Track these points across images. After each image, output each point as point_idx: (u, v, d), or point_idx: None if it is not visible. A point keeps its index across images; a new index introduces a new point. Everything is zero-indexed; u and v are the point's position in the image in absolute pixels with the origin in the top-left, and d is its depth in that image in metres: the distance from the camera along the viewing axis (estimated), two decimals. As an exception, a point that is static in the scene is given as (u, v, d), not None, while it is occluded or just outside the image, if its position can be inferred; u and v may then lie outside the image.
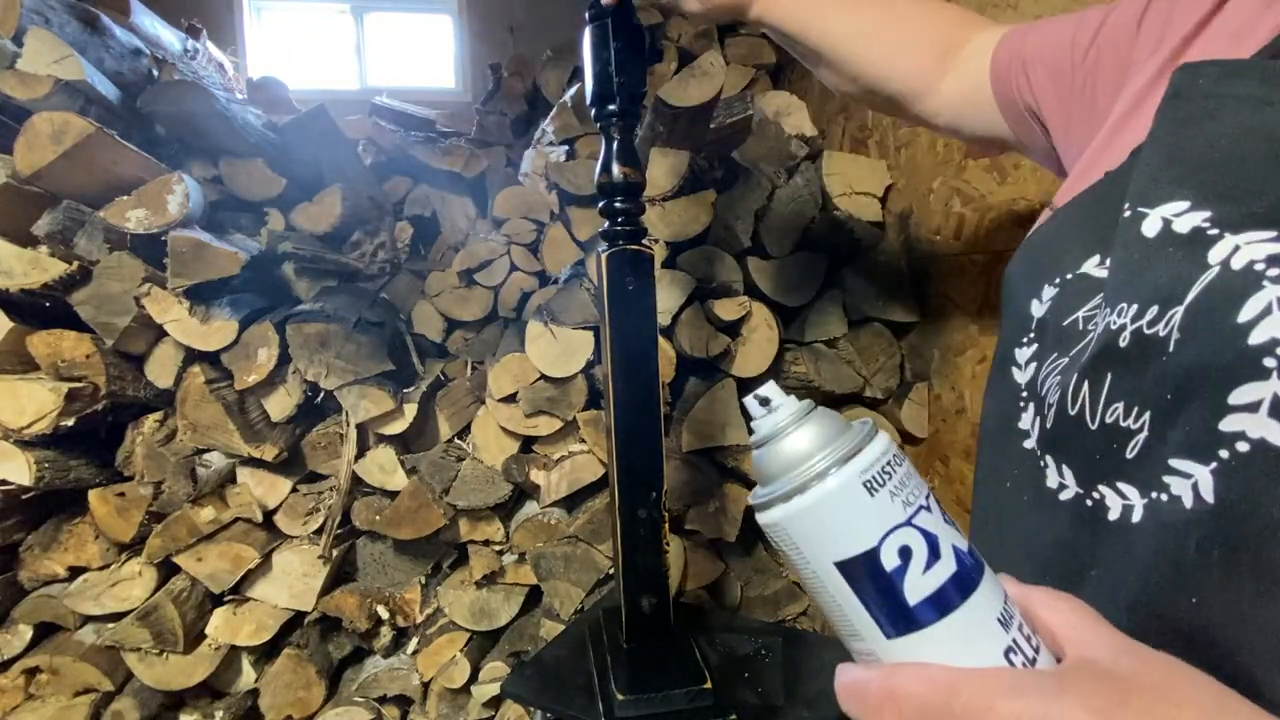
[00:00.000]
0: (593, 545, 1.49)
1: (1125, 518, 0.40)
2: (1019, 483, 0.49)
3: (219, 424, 1.42)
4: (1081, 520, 0.44)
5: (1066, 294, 0.49)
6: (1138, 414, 0.40)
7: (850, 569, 0.33)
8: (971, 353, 1.39)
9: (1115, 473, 0.41)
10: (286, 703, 1.52)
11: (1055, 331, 0.49)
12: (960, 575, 0.33)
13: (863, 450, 0.34)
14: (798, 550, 0.35)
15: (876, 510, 0.33)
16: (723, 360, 1.51)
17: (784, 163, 1.60)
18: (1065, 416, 0.45)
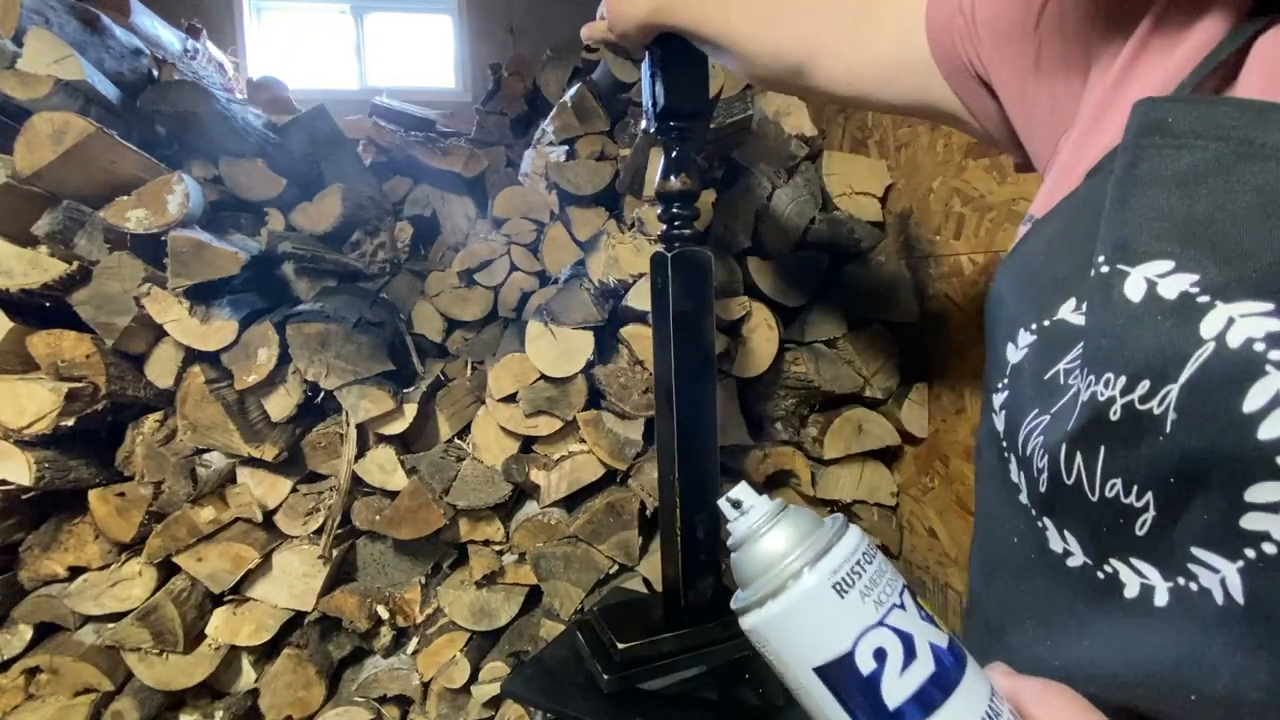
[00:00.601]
0: (593, 545, 1.49)
1: (1146, 597, 0.39)
2: (1022, 537, 0.47)
3: (219, 424, 1.42)
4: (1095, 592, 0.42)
5: (1045, 343, 0.47)
6: (1139, 492, 0.38)
7: (828, 674, 0.33)
8: (971, 353, 1.39)
9: (1128, 549, 0.40)
10: (286, 703, 1.52)
11: (1034, 384, 0.47)
12: (940, 674, 0.33)
13: (832, 549, 0.34)
14: (778, 656, 0.35)
15: (848, 613, 0.33)
16: (723, 360, 1.50)
17: (784, 163, 1.60)
18: (1060, 484, 0.42)
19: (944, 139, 1.42)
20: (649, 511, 1.50)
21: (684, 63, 1.00)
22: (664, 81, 1.01)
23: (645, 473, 1.51)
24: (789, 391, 1.60)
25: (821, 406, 1.66)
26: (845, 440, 1.59)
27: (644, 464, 1.51)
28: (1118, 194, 0.40)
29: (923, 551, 1.57)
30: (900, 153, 1.60)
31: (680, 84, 1.01)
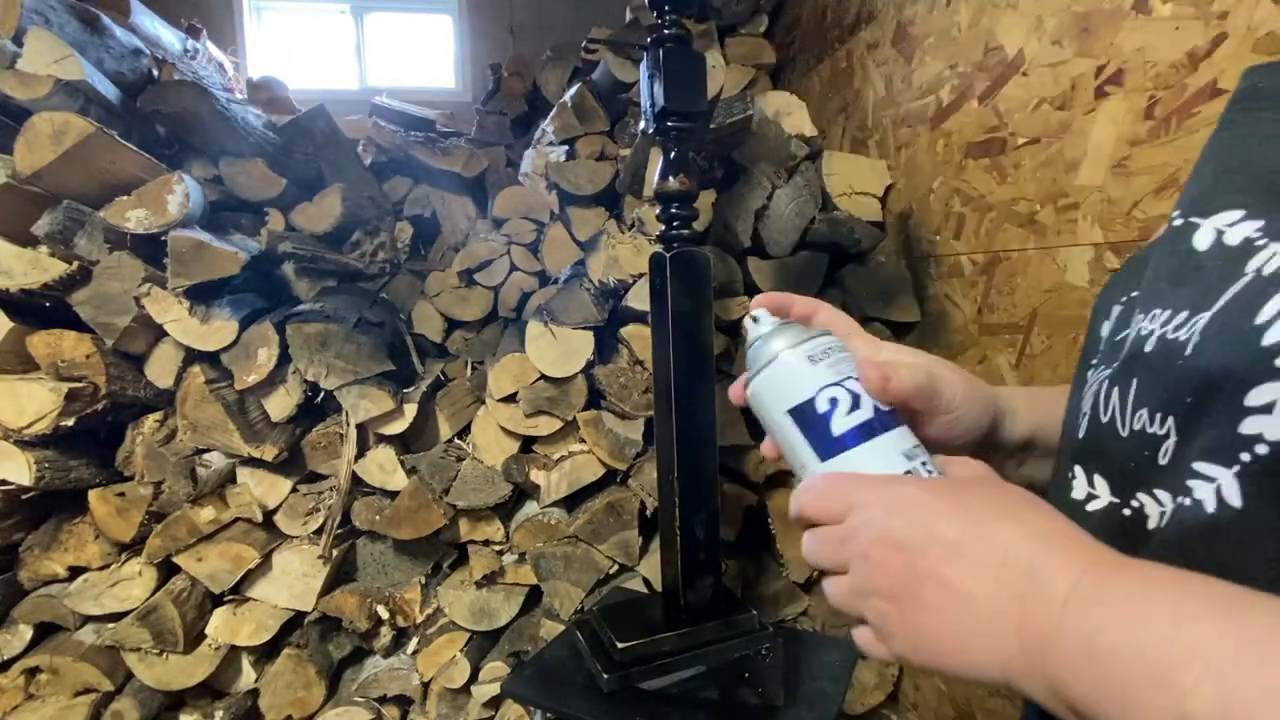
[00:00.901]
0: (593, 545, 1.49)
1: (1161, 525, 0.40)
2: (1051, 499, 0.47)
3: (219, 424, 1.42)
4: (1118, 532, 0.42)
5: (1124, 311, 0.48)
6: (1162, 419, 0.39)
7: (796, 413, 0.48)
8: (971, 353, 1.39)
9: (1151, 480, 0.40)
10: (286, 703, 1.52)
11: (1110, 347, 0.48)
12: (875, 420, 0.46)
13: (812, 339, 0.49)
14: (766, 410, 0.50)
15: (814, 373, 0.47)
16: (723, 360, 1.50)
17: (784, 163, 1.60)
18: (1098, 424, 0.44)
19: (944, 139, 1.42)
20: (649, 511, 1.50)
21: (683, 63, 1.01)
22: (663, 82, 1.01)
23: (645, 473, 1.51)
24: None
25: (821, 407, 1.64)
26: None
27: (644, 464, 1.51)
28: (1203, 155, 0.42)
29: None
30: (900, 153, 1.60)
31: (679, 84, 1.01)
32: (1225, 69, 0.85)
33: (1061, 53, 1.10)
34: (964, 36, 1.35)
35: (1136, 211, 0.97)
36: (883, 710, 1.65)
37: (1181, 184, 0.90)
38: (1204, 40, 0.87)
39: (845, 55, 1.84)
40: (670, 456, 1.07)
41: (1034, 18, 1.16)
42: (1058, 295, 1.14)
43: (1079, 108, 1.07)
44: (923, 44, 1.49)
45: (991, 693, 1.34)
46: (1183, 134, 0.90)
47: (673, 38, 1.01)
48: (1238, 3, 0.83)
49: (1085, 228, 1.06)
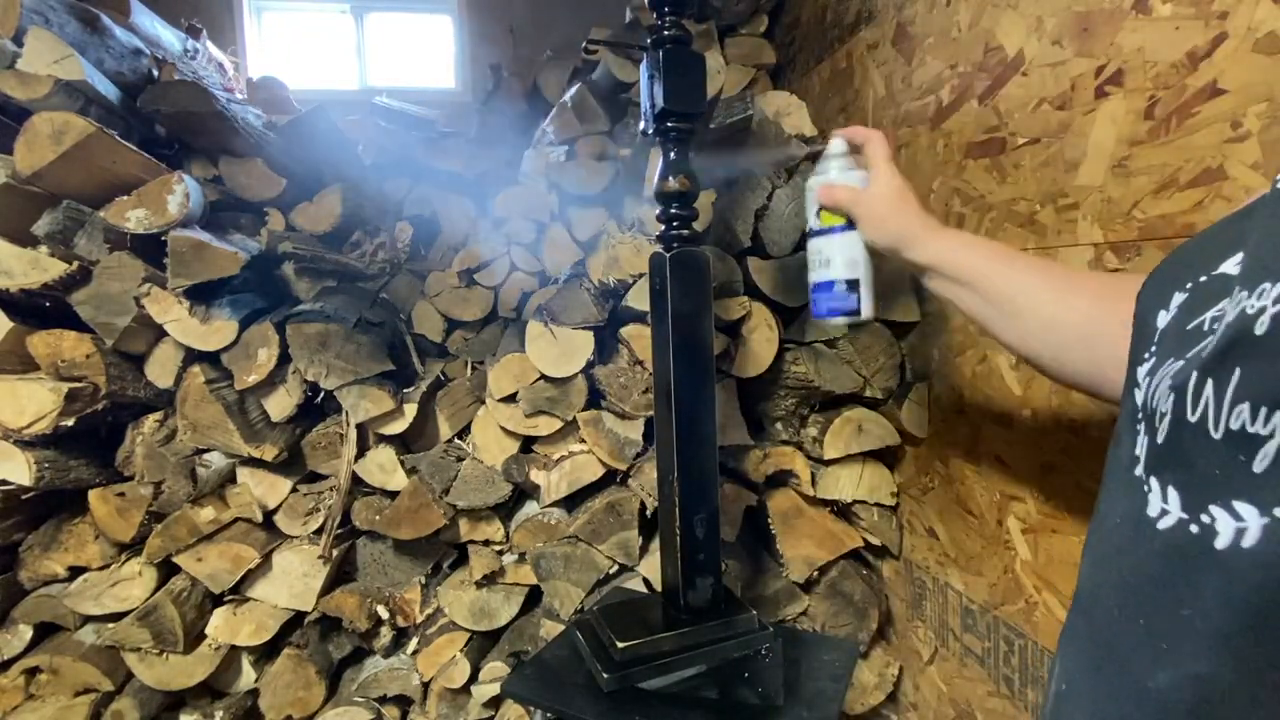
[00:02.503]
0: (593, 545, 1.50)
1: (1236, 543, 0.36)
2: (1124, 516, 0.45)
3: (219, 424, 1.42)
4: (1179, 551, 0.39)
5: (1196, 296, 0.44)
6: (1267, 415, 0.35)
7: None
8: (971, 353, 1.39)
9: (1235, 491, 0.36)
10: (286, 702, 1.53)
11: (1176, 337, 0.44)
12: None
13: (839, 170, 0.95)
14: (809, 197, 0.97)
15: None
16: (723, 360, 1.51)
17: (784, 163, 1.59)
18: (1182, 425, 0.40)
19: (944, 139, 1.42)
20: (649, 511, 1.51)
21: (682, 64, 1.01)
22: (662, 82, 1.01)
23: (645, 473, 1.51)
24: (789, 391, 1.60)
25: (821, 406, 1.66)
26: (845, 440, 1.59)
27: (644, 464, 1.52)
28: None
29: (923, 551, 1.58)
30: (900, 153, 1.59)
31: (679, 85, 1.02)
32: (1225, 69, 0.84)
33: (1061, 53, 1.10)
34: (964, 36, 1.35)
35: (1136, 211, 0.96)
36: (883, 710, 1.65)
37: (1183, 183, 0.90)
38: (1204, 40, 0.87)
39: (845, 55, 1.84)
40: (670, 456, 1.08)
41: (1034, 18, 1.15)
42: None
43: (1079, 108, 1.07)
44: (923, 44, 1.48)
45: (991, 693, 1.34)
46: (1183, 134, 0.90)
47: (672, 38, 1.02)
48: (1238, 3, 0.82)
49: (1085, 228, 1.06)
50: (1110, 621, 0.44)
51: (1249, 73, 0.81)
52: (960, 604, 1.43)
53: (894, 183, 0.89)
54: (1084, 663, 0.47)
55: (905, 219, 0.87)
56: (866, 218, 0.89)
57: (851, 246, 0.92)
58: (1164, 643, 0.39)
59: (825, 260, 0.94)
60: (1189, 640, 0.37)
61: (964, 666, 1.43)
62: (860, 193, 0.90)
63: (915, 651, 1.60)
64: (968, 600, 1.41)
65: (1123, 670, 0.42)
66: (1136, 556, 0.43)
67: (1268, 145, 0.79)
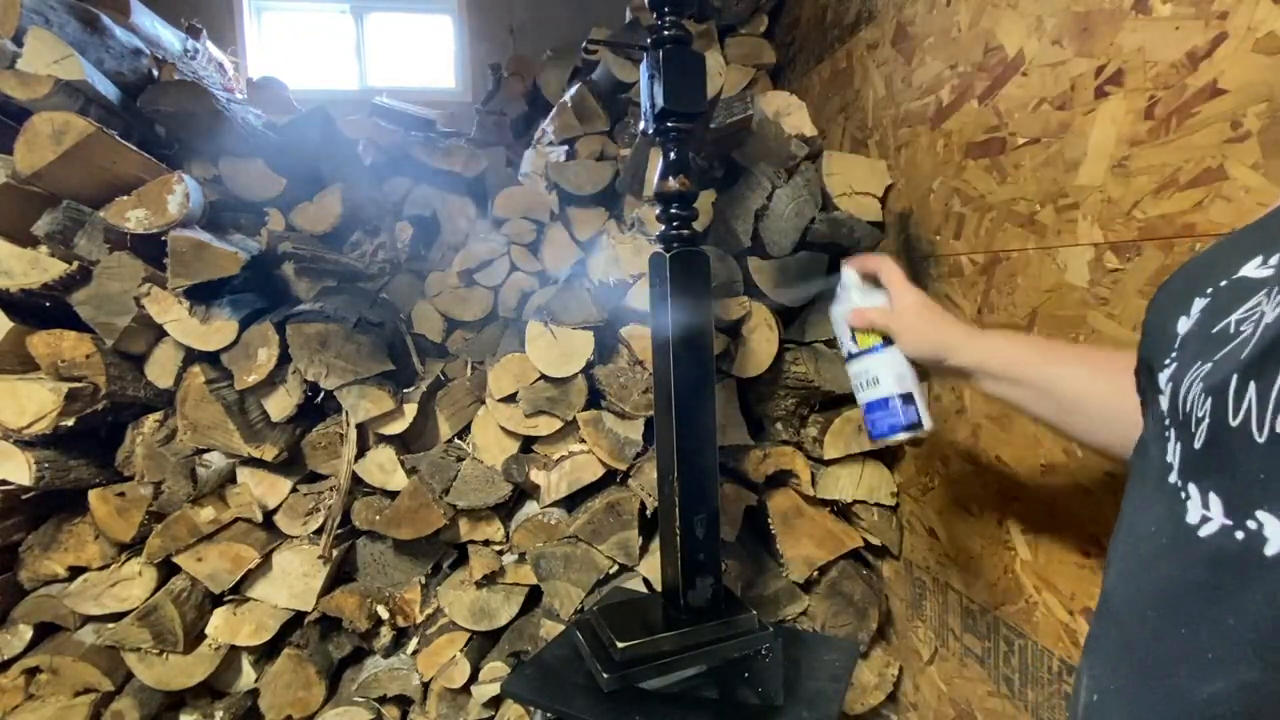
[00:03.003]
0: (593, 545, 1.50)
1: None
2: (1159, 524, 0.45)
3: (219, 424, 1.43)
4: (1224, 558, 0.39)
5: (1219, 301, 0.44)
6: None
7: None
8: (971, 353, 1.39)
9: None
10: (286, 702, 1.53)
11: (1201, 340, 0.44)
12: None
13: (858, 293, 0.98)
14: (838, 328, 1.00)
15: None
16: (723, 360, 1.51)
17: (784, 163, 1.60)
18: (1224, 429, 0.39)
19: (944, 139, 1.42)
20: (649, 511, 1.51)
21: (682, 64, 1.02)
22: (662, 82, 1.01)
23: (645, 473, 1.51)
24: (789, 391, 1.61)
25: (821, 406, 1.66)
26: (845, 440, 1.59)
27: (644, 464, 1.52)
28: None
29: (923, 551, 1.58)
30: (900, 153, 1.60)
31: (679, 85, 1.02)
32: (1225, 69, 0.85)
33: (1061, 53, 1.10)
34: (964, 36, 1.35)
35: (1136, 211, 0.97)
36: (883, 710, 1.65)
37: (1183, 183, 0.90)
38: (1204, 40, 0.87)
39: (845, 55, 1.84)
40: (670, 456, 1.08)
41: (1034, 18, 1.16)
42: (1057, 295, 1.14)
43: (1079, 108, 1.07)
44: (923, 44, 1.49)
45: (991, 693, 1.35)
46: (1183, 134, 0.90)
47: (672, 38, 1.02)
48: (1238, 3, 0.83)
49: (1085, 228, 1.06)
50: (1147, 631, 0.44)
51: (1249, 72, 0.81)
52: (960, 604, 1.43)
53: (919, 296, 0.91)
54: (1120, 673, 0.47)
55: (941, 328, 0.88)
56: (903, 332, 0.90)
57: (896, 362, 0.93)
58: (1210, 652, 0.39)
59: (873, 379, 0.95)
60: (1237, 648, 0.37)
61: (964, 666, 1.43)
62: (889, 311, 0.92)
63: (915, 651, 1.60)
64: (968, 600, 1.41)
65: (1164, 680, 0.42)
66: (1175, 565, 0.42)
67: (1268, 145, 0.79)
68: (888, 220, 1.64)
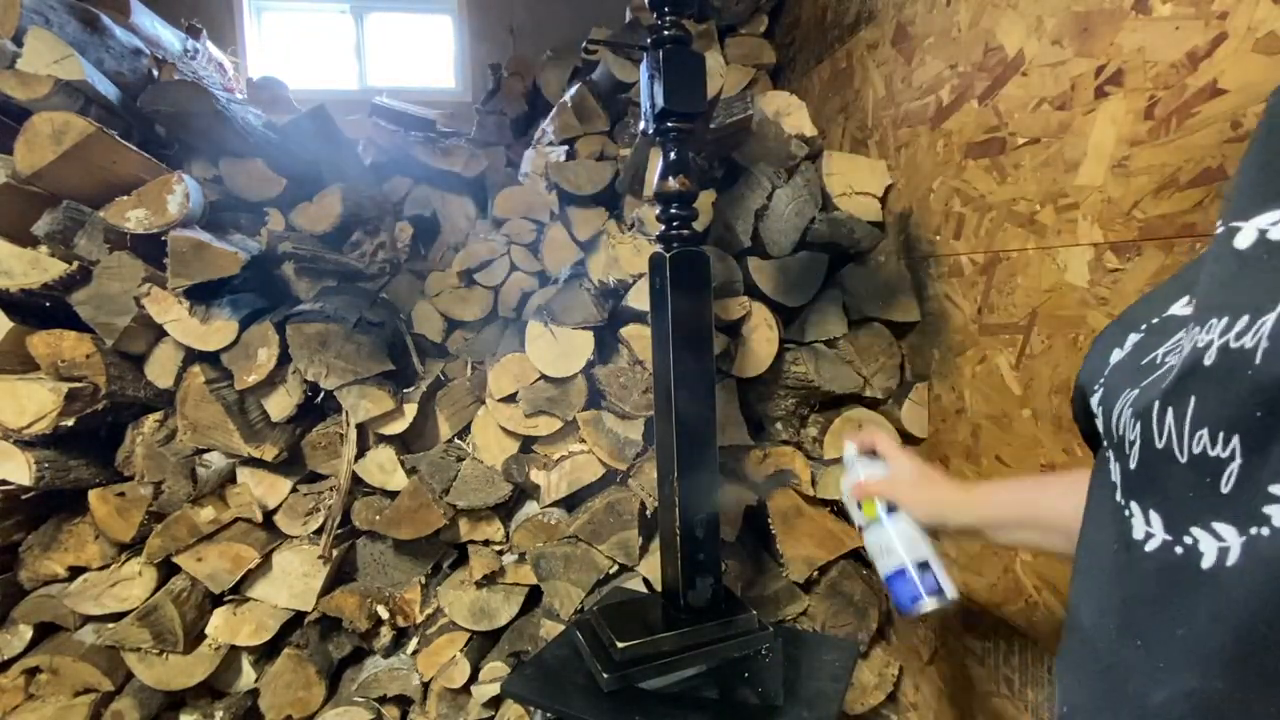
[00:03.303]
0: (593, 545, 1.51)
1: (1220, 563, 0.37)
2: (1110, 539, 0.47)
3: (219, 424, 1.43)
4: (1168, 572, 0.41)
5: (1149, 337, 0.48)
6: (1225, 439, 0.37)
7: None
8: (971, 353, 1.40)
9: (1210, 512, 0.38)
10: (286, 702, 1.53)
11: (1131, 369, 0.47)
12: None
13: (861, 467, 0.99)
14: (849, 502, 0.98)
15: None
16: (723, 360, 1.52)
17: (784, 163, 1.60)
18: (1151, 452, 0.42)
19: (944, 139, 1.43)
20: (649, 511, 1.51)
21: (682, 64, 1.02)
22: (662, 82, 1.02)
23: (645, 473, 1.52)
24: (789, 391, 1.61)
25: (821, 406, 1.67)
26: (845, 440, 1.58)
27: (644, 464, 1.52)
28: (1239, 168, 0.42)
29: None
30: (900, 153, 1.61)
31: (678, 85, 1.02)
32: (1225, 69, 0.85)
33: (1061, 53, 1.11)
34: (964, 36, 1.36)
35: (1136, 211, 0.97)
36: (882, 710, 1.66)
37: (1183, 183, 0.90)
38: (1204, 40, 0.87)
39: (845, 55, 1.85)
40: (670, 456, 1.09)
41: (1034, 18, 1.16)
42: (1058, 295, 1.14)
43: (1079, 108, 1.08)
44: (923, 44, 1.49)
45: (991, 693, 1.35)
46: (1183, 134, 0.90)
47: (672, 38, 1.03)
48: (1237, 3, 0.83)
49: (1085, 227, 1.06)
50: (1109, 643, 0.46)
51: (1249, 72, 0.82)
52: (960, 604, 1.41)
53: (913, 463, 0.93)
54: (1085, 684, 0.49)
55: (936, 492, 0.90)
56: (903, 498, 0.92)
57: (905, 530, 0.93)
58: (1161, 661, 0.41)
59: (888, 549, 0.94)
60: (1184, 658, 0.39)
61: (964, 666, 1.44)
62: (889, 480, 0.94)
63: (915, 651, 1.61)
64: (968, 600, 1.41)
65: (1122, 689, 0.44)
66: (1129, 579, 0.44)
67: (1268, 145, 0.80)
68: (888, 220, 1.65)
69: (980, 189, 1.32)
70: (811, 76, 2.03)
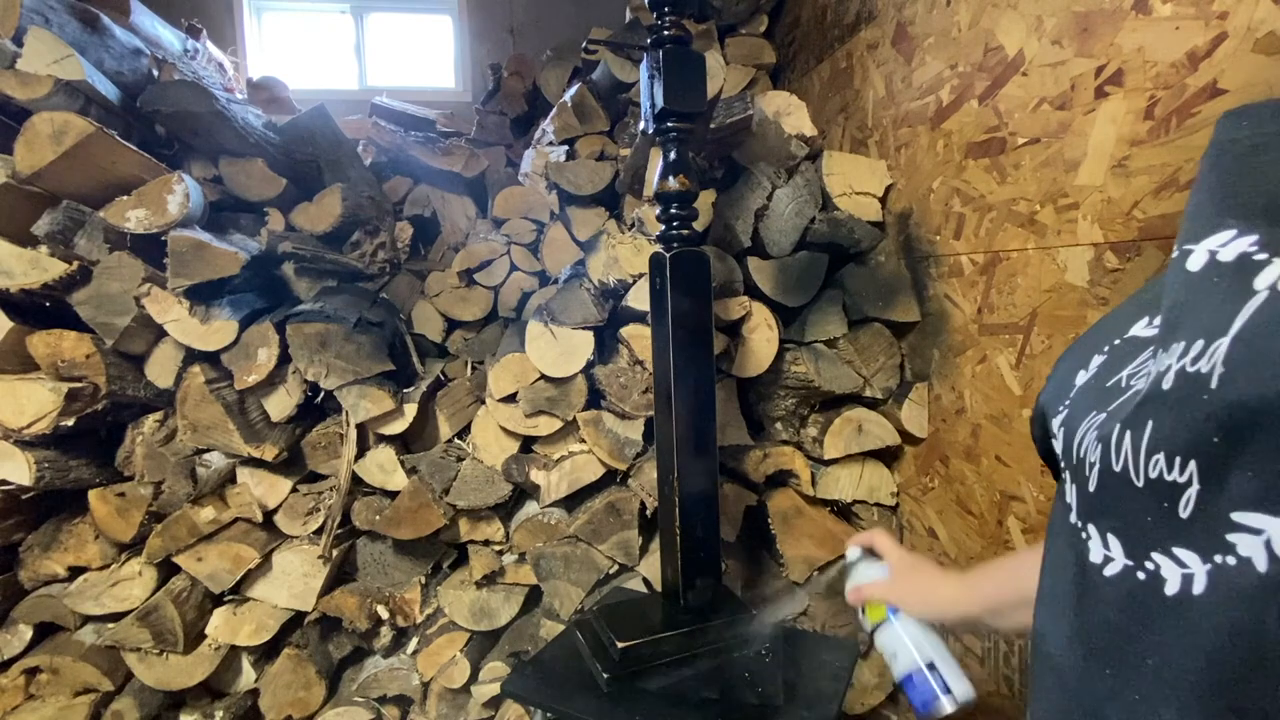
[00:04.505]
0: (592, 545, 1.51)
1: (1185, 590, 0.37)
2: (1067, 560, 0.47)
3: (219, 424, 1.44)
4: (1132, 599, 0.41)
5: (1114, 357, 0.48)
6: (1181, 464, 0.37)
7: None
8: (971, 353, 1.40)
9: (1170, 537, 0.38)
10: (286, 702, 1.55)
11: (1097, 391, 0.47)
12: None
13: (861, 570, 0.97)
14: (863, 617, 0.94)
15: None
16: (723, 360, 1.52)
17: (784, 163, 1.61)
18: (1110, 475, 0.42)
19: (944, 139, 1.43)
20: (649, 511, 1.52)
21: (682, 64, 1.03)
22: (662, 82, 1.03)
23: (645, 473, 1.53)
24: (789, 391, 1.62)
25: (821, 406, 1.68)
26: (845, 440, 1.60)
27: (644, 464, 1.53)
28: (1191, 194, 0.43)
29: (923, 550, 1.59)
30: (900, 153, 1.61)
31: (678, 85, 1.04)
32: (1225, 69, 0.85)
33: (1061, 53, 1.11)
34: (964, 36, 1.37)
35: (1136, 211, 0.97)
36: (883, 710, 1.67)
37: (1182, 183, 0.91)
38: (1204, 40, 0.88)
39: (845, 55, 1.85)
40: (670, 457, 1.10)
41: (1034, 18, 1.17)
42: (1058, 295, 1.15)
43: (1079, 108, 1.08)
44: (923, 44, 1.50)
45: (991, 692, 1.35)
46: (1183, 134, 0.91)
47: (672, 39, 1.04)
48: (1237, 3, 0.83)
49: (1085, 228, 1.06)
50: (1078, 672, 0.46)
51: (1249, 72, 0.82)
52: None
53: (907, 559, 0.93)
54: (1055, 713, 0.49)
55: (930, 587, 0.89)
56: (900, 600, 0.92)
57: (910, 631, 0.92)
58: (1136, 694, 0.41)
59: (894, 654, 0.93)
60: (1159, 690, 0.39)
61: (964, 667, 1.44)
62: (885, 582, 0.93)
63: None
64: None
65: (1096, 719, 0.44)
66: (1093, 605, 0.45)
67: (1268, 145, 0.80)
68: (887, 220, 1.65)
69: (980, 189, 1.32)
70: (811, 76, 2.04)
